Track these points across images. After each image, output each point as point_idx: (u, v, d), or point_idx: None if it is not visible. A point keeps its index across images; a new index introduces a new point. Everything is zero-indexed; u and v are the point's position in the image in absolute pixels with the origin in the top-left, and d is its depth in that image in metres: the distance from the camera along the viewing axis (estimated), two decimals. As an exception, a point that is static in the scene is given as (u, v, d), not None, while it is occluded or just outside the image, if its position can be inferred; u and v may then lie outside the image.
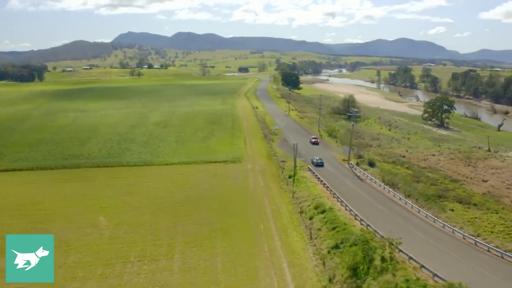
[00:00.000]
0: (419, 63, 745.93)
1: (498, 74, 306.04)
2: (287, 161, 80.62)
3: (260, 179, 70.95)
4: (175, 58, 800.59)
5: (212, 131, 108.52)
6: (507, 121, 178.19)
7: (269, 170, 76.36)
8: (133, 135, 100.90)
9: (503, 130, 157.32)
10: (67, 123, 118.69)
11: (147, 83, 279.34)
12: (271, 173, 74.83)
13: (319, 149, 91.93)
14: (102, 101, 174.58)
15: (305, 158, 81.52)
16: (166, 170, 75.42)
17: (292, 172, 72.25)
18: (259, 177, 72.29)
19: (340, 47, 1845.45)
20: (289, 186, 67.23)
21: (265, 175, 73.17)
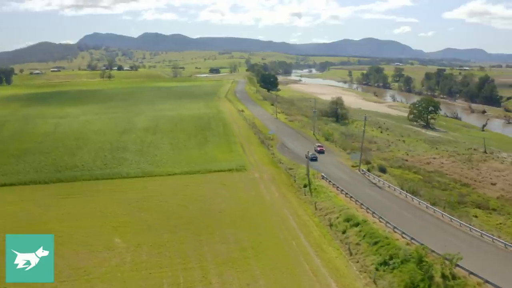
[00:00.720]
0: (388, 62, 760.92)
1: (472, 73, 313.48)
2: (295, 169, 77.56)
3: (273, 189, 67.45)
4: (142, 59, 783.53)
5: (206, 137, 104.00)
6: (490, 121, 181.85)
7: (279, 179, 72.90)
8: (125, 143, 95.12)
9: (487, 130, 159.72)
10: (49, 130, 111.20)
11: (120, 85, 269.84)
12: (282, 182, 71.39)
13: (324, 155, 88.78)
14: (79, 105, 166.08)
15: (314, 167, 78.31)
16: (170, 181, 70.69)
17: (306, 181, 69.16)
18: (271, 187, 68.78)
19: (307, 47, 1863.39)
20: (307, 196, 64.08)
21: (277, 185, 69.71)
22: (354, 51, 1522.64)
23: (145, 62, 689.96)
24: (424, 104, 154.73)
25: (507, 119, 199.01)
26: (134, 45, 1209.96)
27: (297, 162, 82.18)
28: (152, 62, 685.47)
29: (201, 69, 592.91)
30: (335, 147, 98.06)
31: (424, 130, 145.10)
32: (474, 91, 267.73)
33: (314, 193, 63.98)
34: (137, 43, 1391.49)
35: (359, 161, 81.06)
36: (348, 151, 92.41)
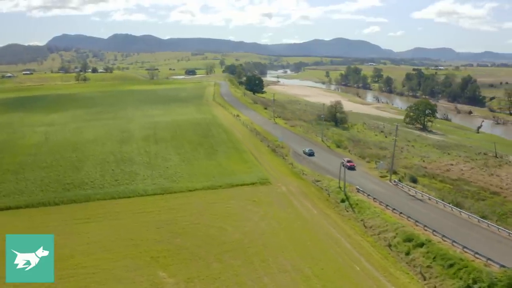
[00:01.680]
0: (361, 62, 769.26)
1: (453, 73, 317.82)
2: (322, 181, 73.18)
3: (309, 205, 62.77)
4: (114, 61, 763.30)
5: (212, 146, 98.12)
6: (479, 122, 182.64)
7: (310, 193, 68.22)
8: (129, 154, 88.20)
9: (482, 132, 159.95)
10: (40, 140, 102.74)
11: (99, 88, 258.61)
12: (315, 196, 66.76)
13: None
14: (63, 111, 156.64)
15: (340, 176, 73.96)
16: (194, 198, 64.87)
17: (341, 195, 64.81)
18: (305, 202, 64.07)
19: (278, 47, 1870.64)
20: (349, 212, 59.67)
21: (310, 200, 65.07)
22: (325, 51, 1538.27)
23: (117, 63, 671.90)
24: (422, 107, 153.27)
25: (496, 119, 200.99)
26: (104, 47, 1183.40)
27: (321, 173, 77.86)
28: (124, 64, 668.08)
29: (176, 70, 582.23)
30: (352, 155, 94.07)
31: (424, 133, 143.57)
32: (457, 91, 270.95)
33: (357, 209, 59.65)
34: (107, 44, 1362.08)
35: (385, 171, 77.77)
36: (367, 159, 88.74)
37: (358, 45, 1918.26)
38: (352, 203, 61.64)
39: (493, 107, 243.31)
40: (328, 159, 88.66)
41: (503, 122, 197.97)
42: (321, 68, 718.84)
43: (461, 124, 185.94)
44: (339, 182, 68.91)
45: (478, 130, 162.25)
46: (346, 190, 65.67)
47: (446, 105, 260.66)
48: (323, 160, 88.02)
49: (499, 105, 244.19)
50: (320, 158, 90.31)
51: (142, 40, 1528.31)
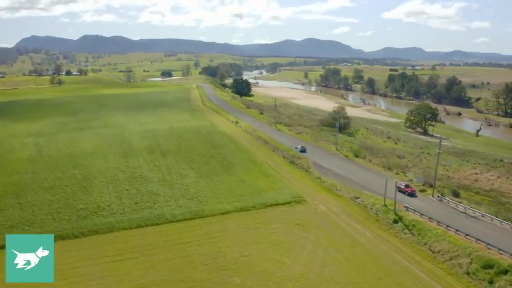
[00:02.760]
0: (336, 62, 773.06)
1: (438, 74, 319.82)
2: (362, 197, 67.86)
3: (359, 228, 57.19)
4: (86, 63, 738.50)
5: (224, 158, 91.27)
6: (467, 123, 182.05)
7: (353, 212, 62.64)
8: (139, 170, 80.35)
9: (481, 135, 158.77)
10: (32, 154, 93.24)
11: (77, 92, 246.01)
12: (361, 216, 61.19)
13: (381, 179, 79.63)
14: (46, 118, 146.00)
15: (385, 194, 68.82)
16: (231, 223, 58.04)
17: (391, 214, 59.44)
18: (354, 224, 58.46)
19: (250, 48, 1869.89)
20: (407, 235, 54.34)
21: (359, 221, 59.50)
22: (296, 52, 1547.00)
23: (89, 65, 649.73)
24: (423, 111, 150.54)
25: (488, 121, 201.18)
26: (74, 48, 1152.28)
27: (357, 189, 72.51)
28: (97, 66, 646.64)
29: (150, 72, 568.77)
30: (375, 166, 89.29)
31: (429, 138, 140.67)
32: (442, 92, 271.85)
33: (415, 231, 54.46)
34: (77, 45, 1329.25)
35: (421, 184, 73.14)
36: (395, 171, 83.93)
37: (329, 45, 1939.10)
38: (408, 224, 56.42)
39: (480, 108, 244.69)
40: (355, 172, 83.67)
41: (495, 123, 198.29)
42: (296, 69, 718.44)
43: (456, 126, 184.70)
44: (385, 200, 63.66)
45: (478, 133, 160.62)
46: (388, 206, 60.47)
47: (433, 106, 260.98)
48: (350, 173, 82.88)
49: (486, 106, 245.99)
50: (344, 170, 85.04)
51: (112, 41, 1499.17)
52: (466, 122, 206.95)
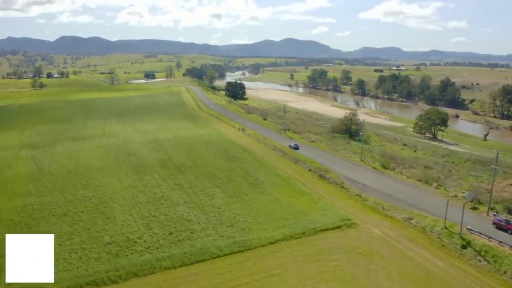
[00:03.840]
0: (318, 63, 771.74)
1: (429, 76, 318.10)
2: (416, 218, 61.56)
3: (427, 255, 51.69)
4: (65, 64, 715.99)
5: (248, 173, 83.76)
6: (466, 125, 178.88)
7: (413, 236, 56.42)
8: (159, 190, 72.14)
9: (489, 140, 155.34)
10: (32, 170, 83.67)
11: (62, 97, 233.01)
12: (423, 241, 55.14)
13: (426, 195, 73.48)
14: (36, 125, 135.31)
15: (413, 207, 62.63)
16: (286, 255, 50.84)
17: (456, 239, 53.26)
18: (419, 250, 52.47)
19: (228, 48, 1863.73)
20: (483, 263, 48.72)
21: (423, 247, 53.53)
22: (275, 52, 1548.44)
23: (68, 67, 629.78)
24: (434, 117, 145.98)
25: (489, 124, 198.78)
26: (52, 49, 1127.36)
27: (404, 207, 66.31)
28: (76, 67, 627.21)
29: (131, 73, 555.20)
30: (411, 179, 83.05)
31: (445, 144, 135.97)
32: (436, 94, 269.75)
33: (488, 257, 48.78)
34: (54, 46, 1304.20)
35: (469, 200, 67.26)
36: (434, 185, 77.97)
37: (308, 45, 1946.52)
38: (479, 249, 50.33)
39: (476, 110, 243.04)
40: (391, 186, 77.81)
41: (496, 126, 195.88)
42: (279, 70, 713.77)
43: (458, 130, 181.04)
44: (445, 222, 57.48)
45: (485, 137, 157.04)
46: (450, 228, 54.42)
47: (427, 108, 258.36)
48: (386, 187, 77.03)
49: (482, 108, 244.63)
50: (379, 184, 78.94)
51: (90, 42, 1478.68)
52: (466, 125, 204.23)
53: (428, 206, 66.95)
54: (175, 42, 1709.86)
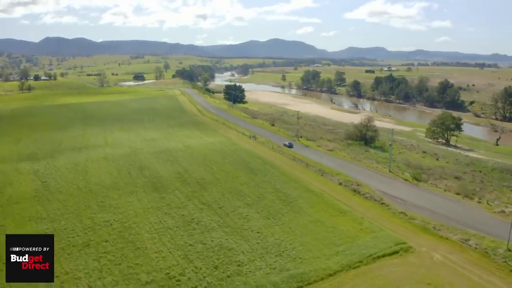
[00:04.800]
0: (307, 64, 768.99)
1: (426, 77, 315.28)
2: (471, 238, 55.74)
3: (501, 284, 45.16)
4: (50, 66, 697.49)
5: (276, 188, 77.31)
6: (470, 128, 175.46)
7: (477, 261, 50.60)
8: (186, 211, 65.03)
9: (501, 145, 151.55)
10: (37, 189, 75.38)
11: (52, 100, 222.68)
12: (490, 266, 49.45)
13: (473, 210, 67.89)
14: (32, 133, 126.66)
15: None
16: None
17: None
18: (491, 278, 46.70)
19: (214, 49, 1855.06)
20: None
21: (492, 273, 47.75)
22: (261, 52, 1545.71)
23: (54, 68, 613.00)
24: (448, 122, 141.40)
25: (494, 127, 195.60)
26: (36, 51, 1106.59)
27: (454, 226, 61.03)
28: (62, 69, 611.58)
29: (119, 75, 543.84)
30: (449, 193, 77.45)
31: (462, 151, 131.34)
32: (435, 95, 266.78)
33: None
34: (39, 48, 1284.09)
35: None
36: (476, 199, 72.58)
37: (294, 46, 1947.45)
38: None
39: (477, 112, 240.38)
40: (432, 201, 72.09)
41: (501, 129, 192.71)
42: (268, 70, 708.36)
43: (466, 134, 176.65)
44: (508, 244, 51.99)
45: (497, 142, 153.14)
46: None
47: (428, 111, 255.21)
48: (427, 203, 71.27)
49: (483, 110, 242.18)
50: (418, 199, 73.16)
51: (75, 43, 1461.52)
52: (470, 128, 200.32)
53: (477, 223, 61.75)
54: (160, 43, 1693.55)
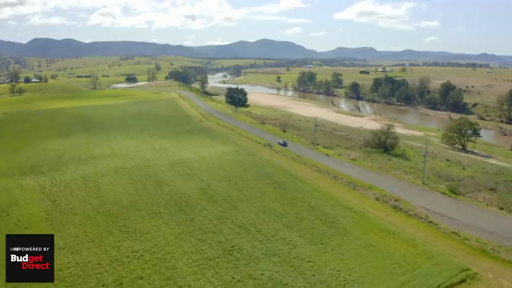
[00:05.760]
0: (299, 64, 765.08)
1: (427, 79, 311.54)
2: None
3: None
4: (39, 67, 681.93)
5: (313, 206, 70.97)
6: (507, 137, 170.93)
7: None
8: (224, 237, 58.22)
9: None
10: (47, 209, 67.48)
11: (47, 105, 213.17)
12: None
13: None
14: (29, 142, 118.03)
15: None
16: None
17: None
18: None
19: (203, 49, 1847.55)
20: None
21: None
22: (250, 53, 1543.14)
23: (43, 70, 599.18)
24: (466, 127, 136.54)
25: (503, 130, 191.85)
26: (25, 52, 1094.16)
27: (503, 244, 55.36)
28: (52, 71, 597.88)
29: (110, 77, 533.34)
30: (492, 208, 71.95)
31: (483, 158, 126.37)
32: (437, 98, 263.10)
33: None
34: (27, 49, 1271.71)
35: None
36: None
37: (283, 46, 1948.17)
38: None
39: (481, 115, 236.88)
40: (478, 219, 66.49)
41: (509, 132, 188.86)
42: (260, 72, 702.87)
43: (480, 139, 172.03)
44: None
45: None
46: None
47: (432, 114, 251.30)
48: (474, 220, 65.60)
49: (487, 113, 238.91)
50: (464, 216, 67.50)
51: (63, 44, 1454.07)
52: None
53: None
54: (149, 44, 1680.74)
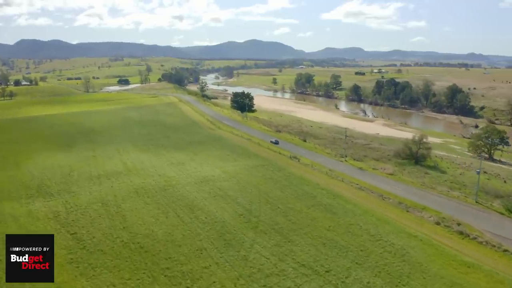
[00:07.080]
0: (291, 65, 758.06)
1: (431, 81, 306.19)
2: None
3: None
4: (27, 69, 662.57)
5: (372, 234, 63.17)
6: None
7: None
8: (288, 280, 49.60)
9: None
10: (68, 244, 57.77)
11: (41, 110, 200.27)
12: None
13: None
14: (30, 155, 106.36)
15: None
16: None
17: None
18: None
19: (191, 50, 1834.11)
20: None
21: None
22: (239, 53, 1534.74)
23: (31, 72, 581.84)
24: (495, 136, 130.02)
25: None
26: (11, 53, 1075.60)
27: None
28: (40, 73, 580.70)
29: (100, 79, 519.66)
30: None
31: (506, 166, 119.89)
32: (443, 100, 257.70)
33: None
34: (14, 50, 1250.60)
35: None
36: None
37: (271, 46, 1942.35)
38: None
39: (490, 118, 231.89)
40: None
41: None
42: (253, 73, 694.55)
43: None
44: None
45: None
46: None
47: (440, 117, 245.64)
48: None
49: (496, 116, 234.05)
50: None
51: (50, 45, 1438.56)
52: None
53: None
54: (137, 45, 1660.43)
